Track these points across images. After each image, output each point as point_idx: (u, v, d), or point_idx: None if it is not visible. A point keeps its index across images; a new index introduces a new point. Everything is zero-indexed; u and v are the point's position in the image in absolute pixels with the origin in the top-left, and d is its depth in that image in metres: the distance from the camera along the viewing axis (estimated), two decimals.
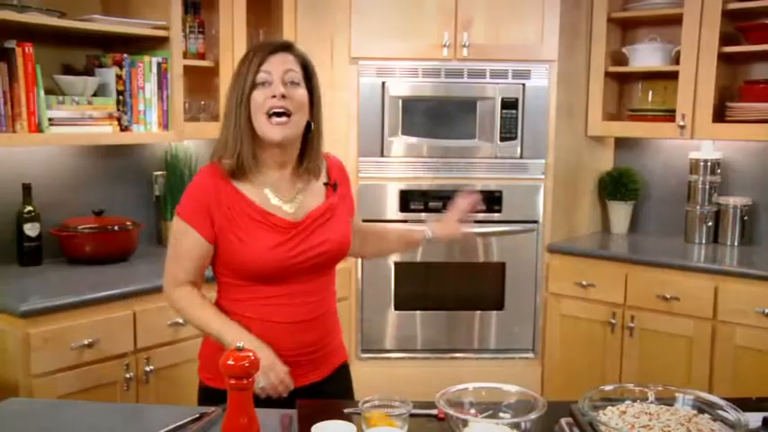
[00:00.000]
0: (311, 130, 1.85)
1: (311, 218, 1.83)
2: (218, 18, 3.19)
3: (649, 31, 3.70)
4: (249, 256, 1.76)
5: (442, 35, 3.36)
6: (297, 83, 1.77)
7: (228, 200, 1.78)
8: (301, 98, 1.78)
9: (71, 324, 2.45)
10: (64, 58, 2.98)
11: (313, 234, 1.82)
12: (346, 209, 1.96)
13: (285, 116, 1.74)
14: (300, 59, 1.81)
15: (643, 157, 3.88)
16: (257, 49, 1.80)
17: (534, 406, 1.32)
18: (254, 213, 1.78)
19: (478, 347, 3.56)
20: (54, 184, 3.05)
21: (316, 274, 1.84)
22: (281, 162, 1.83)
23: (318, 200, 1.88)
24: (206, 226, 1.78)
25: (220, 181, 1.79)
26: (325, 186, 1.90)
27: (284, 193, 1.84)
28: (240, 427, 1.26)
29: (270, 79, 1.74)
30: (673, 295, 3.17)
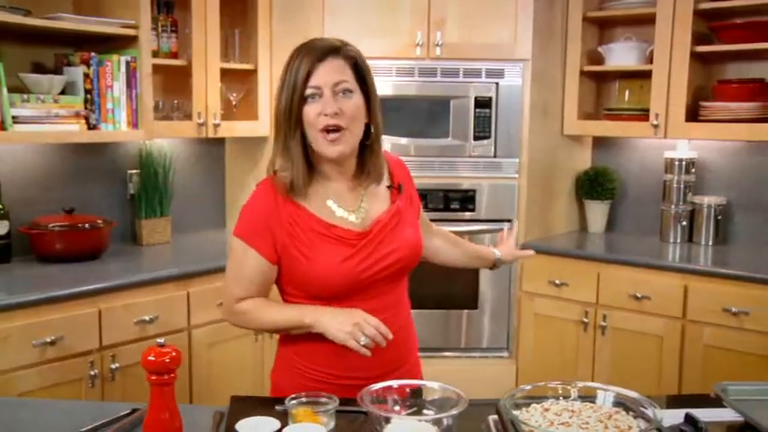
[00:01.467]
0: (370, 132, 1.73)
1: (379, 225, 1.73)
2: (191, 17, 3.20)
3: (625, 30, 3.70)
4: (316, 272, 1.66)
5: (416, 34, 3.36)
6: (350, 91, 1.65)
7: (290, 216, 1.69)
8: (355, 108, 1.66)
9: (33, 321, 2.46)
10: (35, 56, 2.99)
11: (382, 243, 1.71)
12: (414, 211, 1.86)
13: (339, 131, 1.64)
14: (351, 61, 1.68)
15: (620, 156, 3.88)
16: (304, 54, 1.65)
17: (457, 402, 1.33)
18: (318, 227, 1.68)
19: (452, 346, 3.56)
20: (25, 183, 3.06)
21: (389, 286, 1.74)
22: (341, 171, 1.74)
23: (384, 205, 1.78)
24: (267, 245, 1.68)
25: (279, 197, 1.70)
26: (389, 189, 1.80)
27: (348, 203, 1.74)
28: (161, 423, 1.27)
29: (320, 92, 1.63)
30: (644, 294, 3.17)
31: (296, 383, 1.68)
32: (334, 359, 1.67)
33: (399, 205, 1.78)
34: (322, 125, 1.63)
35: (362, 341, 1.56)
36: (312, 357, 1.71)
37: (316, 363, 1.71)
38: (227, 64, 3.41)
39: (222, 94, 3.43)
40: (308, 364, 1.72)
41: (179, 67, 3.25)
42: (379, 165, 1.77)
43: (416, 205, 1.90)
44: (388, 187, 1.80)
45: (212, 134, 3.32)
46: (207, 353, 2.96)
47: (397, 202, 1.79)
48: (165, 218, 3.43)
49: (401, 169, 1.88)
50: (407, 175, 1.89)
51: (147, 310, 2.75)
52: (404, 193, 1.82)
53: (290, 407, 1.38)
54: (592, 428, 1.25)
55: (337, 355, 1.65)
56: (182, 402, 1.54)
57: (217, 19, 3.27)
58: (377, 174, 1.77)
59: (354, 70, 1.68)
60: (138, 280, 2.77)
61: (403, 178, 1.85)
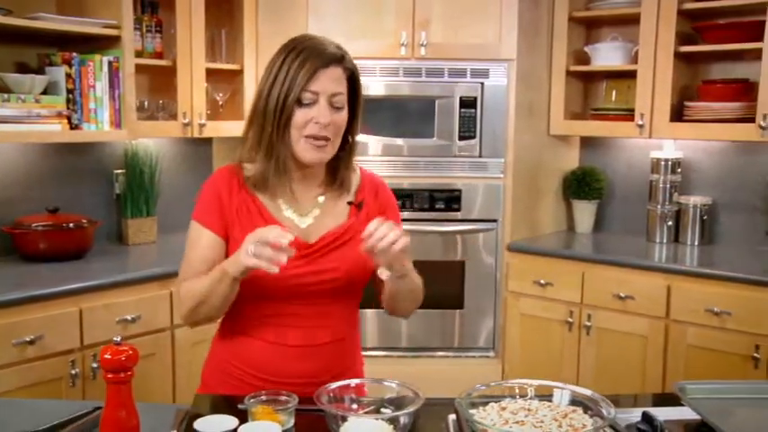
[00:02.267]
0: (347, 143, 1.72)
1: (324, 240, 1.69)
2: (176, 18, 3.20)
3: (612, 30, 3.70)
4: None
5: (400, 34, 3.37)
6: (341, 106, 1.64)
7: (241, 202, 1.68)
8: (342, 122, 1.65)
9: (12, 320, 2.46)
10: (19, 56, 3.01)
11: (323, 258, 1.67)
12: None
13: (324, 140, 1.63)
14: (349, 73, 1.66)
15: (608, 156, 3.88)
16: (307, 55, 1.61)
17: (413, 401, 1.33)
18: (262, 222, 1.65)
19: (438, 346, 3.56)
20: (8, 182, 3.07)
21: (326, 300, 1.69)
22: (305, 175, 1.72)
23: (338, 219, 1.73)
24: (218, 222, 1.68)
25: (234, 182, 1.70)
26: (349, 206, 1.76)
27: (300, 207, 1.72)
28: (118, 421, 1.28)
29: (316, 100, 1.61)
30: (627, 294, 3.17)
31: (225, 383, 1.70)
32: (265, 362, 1.67)
33: (354, 224, 1.72)
34: (310, 132, 1.62)
35: (253, 261, 1.47)
36: (243, 358, 1.70)
37: (246, 364, 1.70)
38: (213, 64, 3.42)
39: (208, 95, 3.43)
40: (238, 365, 1.71)
41: (164, 67, 3.26)
42: (348, 176, 1.76)
43: None
44: (349, 203, 1.76)
45: (198, 134, 3.33)
46: (190, 352, 2.96)
47: (351, 220, 1.74)
48: (152, 218, 3.43)
49: (374, 190, 1.81)
50: (384, 198, 1.82)
51: (129, 309, 2.76)
52: (369, 214, 1.74)
53: (248, 405, 1.38)
54: (546, 427, 1.25)
55: (268, 358, 1.66)
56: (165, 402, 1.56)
57: (202, 19, 3.27)
58: (346, 184, 1.75)
59: (349, 82, 1.67)
60: (120, 279, 2.78)
61: (373, 199, 1.79)
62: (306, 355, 1.66)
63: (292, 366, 1.66)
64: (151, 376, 2.84)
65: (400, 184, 3.43)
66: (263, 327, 1.69)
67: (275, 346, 1.68)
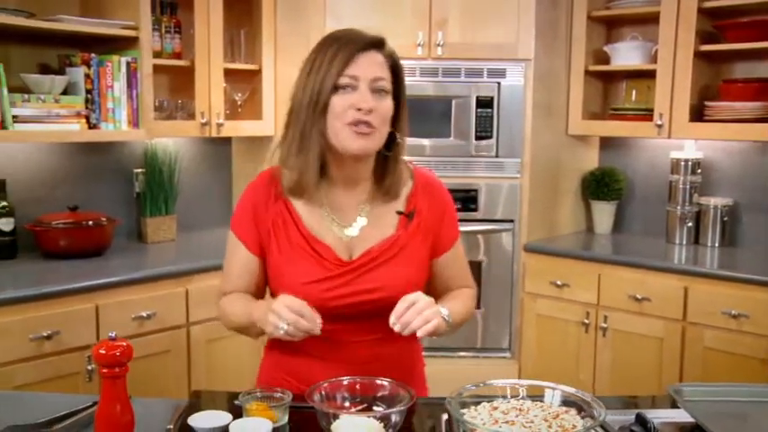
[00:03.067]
0: (394, 143, 1.57)
1: (367, 257, 1.55)
2: (195, 18, 3.24)
3: (632, 29, 3.67)
4: (283, 287, 1.55)
5: (417, 34, 3.37)
6: (385, 92, 1.51)
7: (278, 214, 1.58)
8: (387, 111, 1.51)
9: (30, 316, 2.51)
10: (41, 57, 3.06)
11: (365, 276, 1.54)
12: (425, 245, 1.61)
13: (369, 126, 1.49)
14: (390, 60, 1.55)
15: (628, 156, 3.85)
16: (343, 41, 1.50)
17: (404, 399, 1.34)
18: (299, 237, 1.56)
19: (455, 346, 3.56)
20: (32, 181, 3.13)
21: (372, 318, 1.54)
22: (352, 179, 1.59)
23: (385, 231, 1.58)
24: (252, 237, 1.60)
25: (272, 190, 1.59)
26: (399, 215, 1.60)
27: (344, 216, 1.59)
28: (112, 415, 1.30)
29: (355, 84, 1.48)
30: (644, 296, 3.14)
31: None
32: (313, 377, 1.50)
33: (403, 236, 1.58)
34: (351, 119, 1.48)
35: (281, 329, 1.41)
36: (293, 373, 1.63)
37: (296, 379, 1.61)
38: (232, 64, 3.45)
39: (227, 94, 3.47)
40: (289, 378, 1.64)
41: (183, 67, 3.30)
42: (396, 181, 1.59)
43: (443, 243, 1.65)
44: (398, 213, 1.60)
45: (215, 134, 3.36)
46: (205, 349, 3.00)
47: (400, 232, 1.58)
48: (171, 216, 3.48)
49: (437, 197, 1.65)
50: (444, 209, 1.65)
51: (145, 306, 2.80)
52: (421, 224, 1.60)
53: (243, 401, 1.40)
54: (536, 427, 1.25)
55: (316, 373, 1.52)
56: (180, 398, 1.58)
57: (220, 19, 3.31)
58: (394, 190, 1.59)
59: (392, 70, 1.55)
60: (136, 277, 2.82)
61: (427, 205, 1.62)
62: (354, 371, 1.50)
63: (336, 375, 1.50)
64: (166, 373, 2.88)
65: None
66: (309, 342, 1.52)
67: (322, 361, 1.58)
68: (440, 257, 1.66)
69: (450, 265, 1.69)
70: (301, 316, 1.41)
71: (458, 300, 1.67)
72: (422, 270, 1.61)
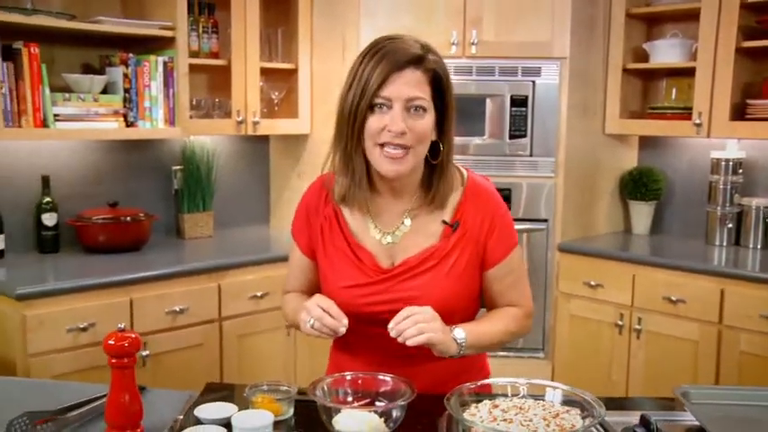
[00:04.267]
0: (439, 151, 1.55)
1: (405, 266, 1.56)
2: (232, 18, 3.30)
3: (673, 26, 3.60)
4: (326, 289, 1.61)
5: (451, 33, 3.37)
6: (423, 108, 1.49)
7: (326, 218, 1.63)
8: (424, 129, 1.49)
9: (66, 308, 2.60)
10: (84, 58, 3.16)
11: (402, 284, 1.55)
12: (470, 258, 1.58)
13: (402, 149, 1.48)
14: (431, 74, 1.50)
15: (668, 155, 3.78)
16: (381, 56, 1.47)
17: (406, 394, 1.35)
18: (343, 242, 1.60)
19: None
20: (74, 178, 3.23)
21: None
22: (397, 189, 1.59)
23: (429, 240, 1.57)
24: (304, 239, 1.67)
25: (323, 195, 1.64)
26: (443, 225, 1.58)
27: (387, 223, 1.60)
28: (121, 405, 1.34)
29: (390, 104, 1.47)
30: (679, 298, 3.08)
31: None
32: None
33: (444, 247, 1.56)
34: (383, 140, 1.48)
35: (308, 323, 1.48)
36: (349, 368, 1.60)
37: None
38: (269, 63, 3.50)
39: (264, 93, 3.52)
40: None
41: (221, 66, 3.36)
42: (444, 190, 1.57)
43: (492, 256, 1.59)
44: (444, 222, 1.58)
45: (251, 132, 3.42)
46: (238, 344, 3.05)
47: (441, 242, 1.57)
48: (208, 212, 3.55)
49: (486, 206, 1.60)
50: (493, 217, 1.59)
51: (178, 300, 2.86)
52: (466, 234, 1.57)
53: (249, 394, 1.43)
54: (533, 426, 1.25)
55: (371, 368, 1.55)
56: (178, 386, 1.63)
57: (256, 19, 3.36)
58: (440, 199, 1.58)
59: (433, 84, 1.50)
60: (170, 271, 2.88)
61: (484, 222, 1.58)
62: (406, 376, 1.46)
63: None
64: (199, 366, 2.94)
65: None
66: (360, 344, 1.61)
67: (374, 366, 1.56)
68: (489, 270, 1.61)
69: (499, 279, 1.62)
70: (328, 314, 1.47)
71: (491, 320, 1.63)
72: (462, 282, 1.57)
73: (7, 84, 2.65)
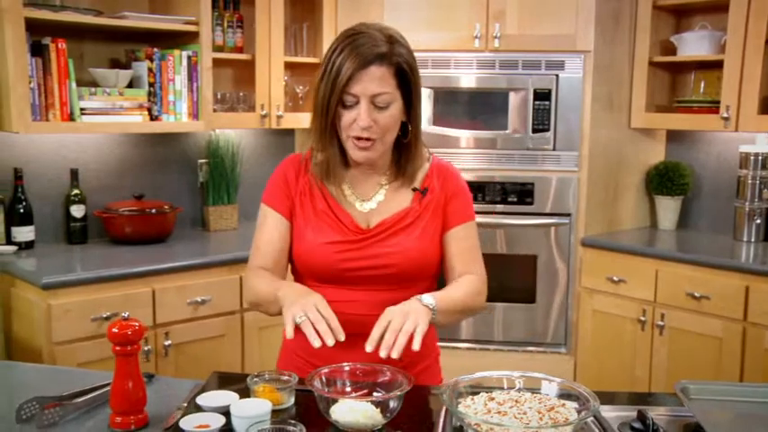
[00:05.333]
0: (408, 131, 1.68)
1: (381, 227, 1.68)
2: (256, 13, 3.33)
3: (702, 18, 3.55)
4: (303, 247, 1.69)
5: (474, 26, 3.36)
6: (387, 103, 1.60)
7: (305, 185, 1.72)
8: (389, 120, 1.61)
9: (91, 297, 2.66)
10: (112, 53, 3.23)
11: (379, 243, 1.66)
12: (436, 221, 1.72)
13: (369, 141, 1.62)
14: (395, 68, 1.59)
15: (696, 150, 3.72)
16: (348, 52, 1.56)
17: (401, 385, 1.37)
18: (325, 205, 1.69)
19: (509, 340, 3.54)
20: (101, 170, 3.29)
21: (383, 287, 1.66)
22: (371, 165, 1.72)
23: (402, 206, 1.71)
24: (284, 204, 1.73)
25: (301, 166, 1.74)
26: (413, 192, 1.73)
27: (363, 191, 1.73)
28: (125, 392, 1.38)
29: (357, 101, 1.58)
30: (703, 294, 3.04)
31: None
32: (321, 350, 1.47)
33: (416, 209, 1.70)
34: (353, 133, 1.61)
35: (300, 317, 1.46)
36: (303, 346, 1.60)
37: (306, 353, 1.68)
38: (294, 57, 3.53)
39: (288, 87, 3.55)
40: (301, 354, 1.72)
41: (245, 60, 3.40)
42: (413, 166, 1.71)
43: (450, 219, 1.73)
44: (413, 189, 1.72)
45: (275, 125, 3.45)
46: (258, 335, 3.09)
47: (413, 205, 1.70)
48: (233, 205, 3.59)
49: (450, 180, 1.75)
50: (456, 189, 1.75)
51: (199, 291, 2.91)
52: (435, 202, 1.71)
53: (251, 383, 1.45)
54: (527, 418, 1.25)
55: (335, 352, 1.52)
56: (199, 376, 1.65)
57: (281, 14, 3.39)
58: (410, 173, 1.71)
59: (398, 76, 1.60)
60: (192, 263, 2.93)
61: (440, 187, 1.73)
62: (361, 345, 1.49)
63: (348, 355, 1.54)
64: (220, 357, 2.98)
65: (473, 177, 3.43)
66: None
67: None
68: (447, 233, 1.73)
69: (455, 241, 1.73)
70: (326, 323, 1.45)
71: (452, 286, 1.70)
72: (433, 242, 1.71)
73: (36, 79, 2.71)
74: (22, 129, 2.74)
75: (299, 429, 1.24)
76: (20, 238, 3.00)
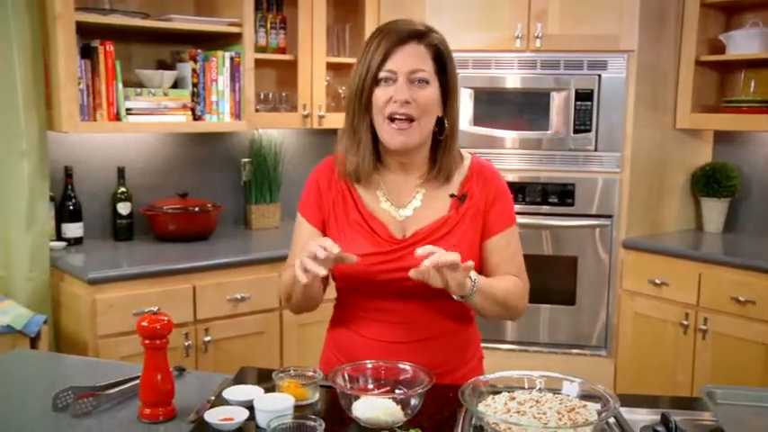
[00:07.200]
0: (444, 127, 1.64)
1: (417, 236, 1.62)
2: (299, 14, 3.38)
3: (754, 15, 3.46)
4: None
5: (516, 27, 3.34)
6: (426, 81, 1.57)
7: (338, 194, 1.68)
8: (428, 100, 1.57)
9: (134, 293, 2.73)
10: (159, 54, 3.30)
11: (412, 254, 1.54)
12: (475, 229, 1.65)
13: (408, 121, 1.56)
14: (434, 50, 1.58)
15: (744, 151, 3.64)
16: (384, 34, 1.57)
17: (423, 382, 1.38)
18: (357, 215, 1.65)
19: (549, 342, 3.52)
20: (147, 169, 3.38)
21: (421, 297, 1.60)
22: (404, 164, 1.66)
23: (438, 213, 1.65)
24: (316, 215, 1.70)
25: (334, 175, 1.69)
26: (452, 198, 1.66)
27: (399, 198, 1.67)
28: (154, 384, 1.42)
29: (394, 77, 1.55)
30: (748, 298, 2.98)
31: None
32: (361, 357, 1.57)
33: (454, 218, 1.64)
34: (389, 111, 1.56)
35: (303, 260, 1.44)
36: (344, 352, 1.70)
37: (347, 357, 1.66)
38: (336, 58, 3.57)
39: (331, 87, 3.59)
40: (341, 358, 1.70)
41: (288, 61, 3.45)
42: (449, 164, 1.66)
43: (491, 227, 1.67)
44: (451, 195, 1.66)
45: (317, 125, 3.49)
46: (297, 333, 3.13)
47: (451, 213, 1.65)
48: (275, 204, 3.64)
49: (490, 183, 1.68)
50: (497, 193, 1.68)
51: (239, 289, 2.96)
52: (474, 208, 1.65)
53: (276, 379, 1.48)
54: (546, 419, 1.25)
55: (364, 353, 1.59)
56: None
57: (323, 15, 3.43)
58: (446, 173, 1.65)
59: (435, 59, 1.58)
60: (233, 261, 2.98)
61: (488, 194, 1.67)
62: (402, 352, 1.56)
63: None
64: (259, 353, 3.03)
65: (514, 177, 3.42)
66: (361, 321, 1.67)
67: (371, 341, 1.65)
68: (487, 241, 1.67)
69: (497, 251, 1.68)
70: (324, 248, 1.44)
71: (497, 279, 1.66)
72: (471, 252, 1.63)
73: (84, 80, 2.80)
74: (71, 128, 2.83)
75: (318, 424, 1.26)
76: (69, 235, 3.10)
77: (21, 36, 2.72)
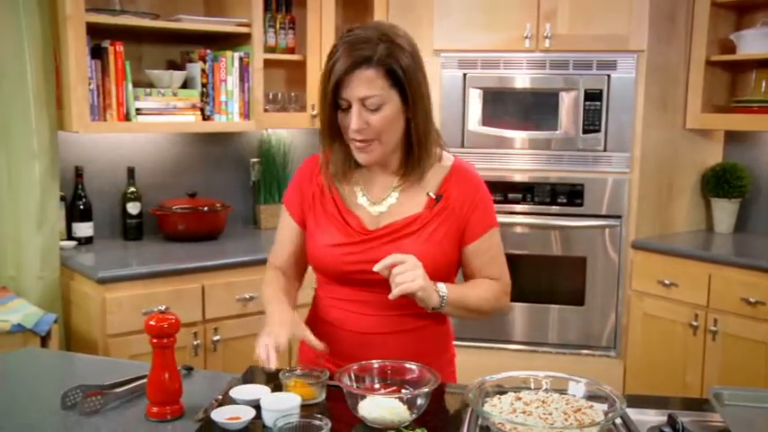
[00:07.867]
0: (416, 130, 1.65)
1: (387, 229, 1.66)
2: (308, 15, 3.39)
3: (765, 15, 3.45)
4: (312, 249, 1.73)
5: (524, 27, 3.34)
6: (378, 105, 1.57)
7: (318, 188, 1.73)
8: (383, 122, 1.58)
9: (143, 292, 2.74)
10: (169, 54, 3.32)
11: (384, 246, 1.64)
12: (447, 228, 1.68)
13: (365, 142, 1.61)
14: (384, 68, 1.56)
15: (756, 151, 3.62)
16: (337, 58, 1.56)
17: (429, 382, 1.38)
18: (333, 208, 1.70)
19: (557, 342, 3.51)
20: (156, 169, 3.39)
21: (389, 290, 1.58)
22: (381, 164, 1.70)
23: (413, 210, 1.68)
24: (297, 208, 1.77)
25: (317, 169, 1.76)
26: (428, 197, 1.69)
27: (375, 194, 1.72)
28: (162, 382, 1.43)
29: (348, 104, 1.58)
30: (758, 299, 2.96)
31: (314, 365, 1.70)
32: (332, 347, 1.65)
33: (426, 215, 1.67)
34: (350, 136, 1.62)
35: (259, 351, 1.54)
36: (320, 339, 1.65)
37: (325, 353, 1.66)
38: None
39: None
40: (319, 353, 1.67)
41: (297, 61, 3.46)
42: (422, 164, 1.68)
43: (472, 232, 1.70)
44: (428, 194, 1.69)
45: None
46: None
47: (424, 211, 1.68)
48: None
49: (470, 186, 1.71)
50: (475, 195, 1.71)
51: (247, 288, 2.96)
52: (449, 209, 1.68)
53: (283, 378, 1.49)
54: (552, 419, 1.25)
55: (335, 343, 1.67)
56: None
57: (332, 15, 3.43)
58: (419, 172, 1.68)
59: (388, 75, 1.57)
60: (241, 260, 2.99)
61: (465, 199, 1.69)
62: (370, 343, 1.63)
63: (358, 353, 1.61)
64: None
65: (523, 177, 3.42)
66: (333, 310, 1.74)
67: (342, 331, 1.71)
68: (469, 245, 1.71)
69: (479, 255, 1.72)
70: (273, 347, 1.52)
71: (471, 285, 1.73)
72: (442, 251, 1.67)
73: (95, 80, 2.82)
74: (81, 128, 2.84)
75: (324, 424, 1.27)
76: (79, 234, 3.12)
77: (32, 37, 2.74)
